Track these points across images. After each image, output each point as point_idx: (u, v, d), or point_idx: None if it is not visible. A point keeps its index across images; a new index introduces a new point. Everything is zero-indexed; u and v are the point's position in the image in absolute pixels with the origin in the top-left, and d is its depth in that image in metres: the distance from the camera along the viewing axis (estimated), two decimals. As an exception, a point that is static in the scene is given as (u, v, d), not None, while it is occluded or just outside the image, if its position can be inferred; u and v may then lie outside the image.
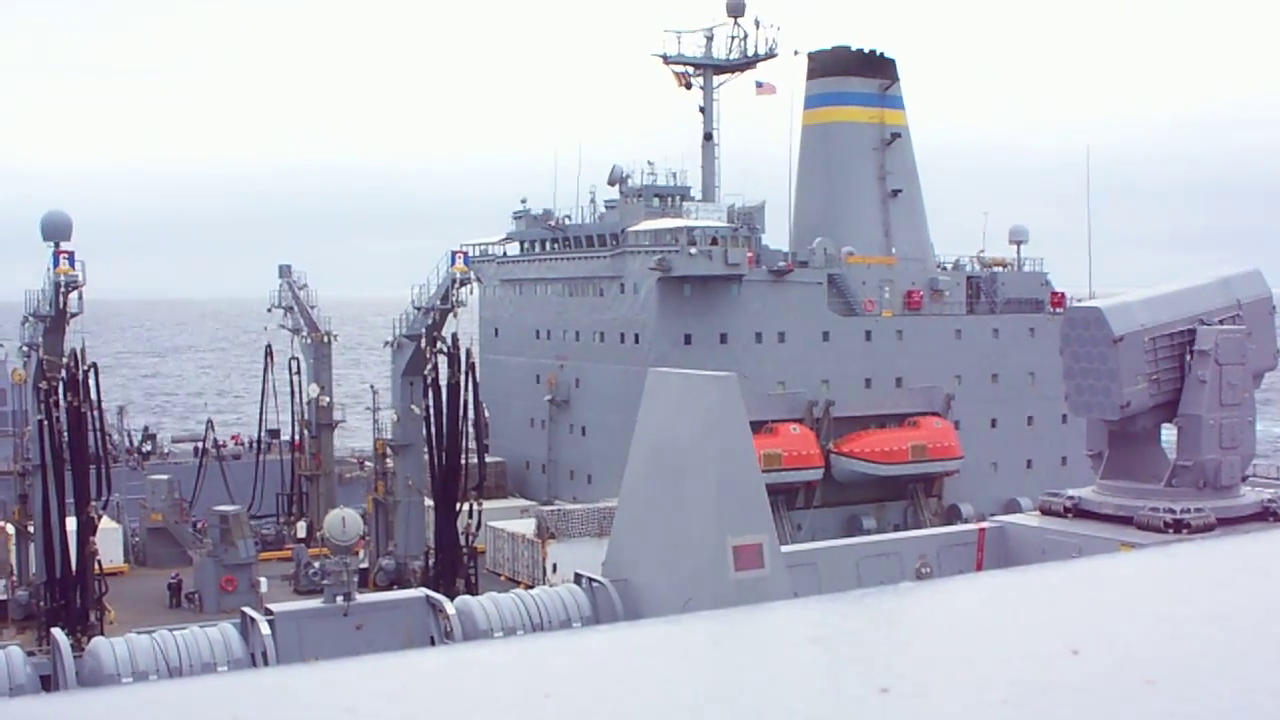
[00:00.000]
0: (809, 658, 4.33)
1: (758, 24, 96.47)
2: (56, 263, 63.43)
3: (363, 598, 39.89)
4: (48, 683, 36.98)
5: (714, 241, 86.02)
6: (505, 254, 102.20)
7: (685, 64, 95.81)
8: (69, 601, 60.89)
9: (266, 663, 34.47)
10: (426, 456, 72.01)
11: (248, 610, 36.99)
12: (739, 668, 4.12)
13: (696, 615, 4.62)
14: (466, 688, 3.87)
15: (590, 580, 38.97)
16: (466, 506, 71.09)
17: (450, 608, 37.12)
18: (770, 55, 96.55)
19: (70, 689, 33.89)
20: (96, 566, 63.26)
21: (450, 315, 72.40)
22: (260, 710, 3.69)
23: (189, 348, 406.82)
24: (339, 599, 37.71)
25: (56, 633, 37.59)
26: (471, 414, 72.12)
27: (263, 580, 69.87)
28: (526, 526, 77.28)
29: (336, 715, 3.63)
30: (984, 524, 49.94)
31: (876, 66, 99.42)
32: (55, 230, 65.40)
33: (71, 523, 61.83)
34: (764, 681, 3.99)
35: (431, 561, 71.59)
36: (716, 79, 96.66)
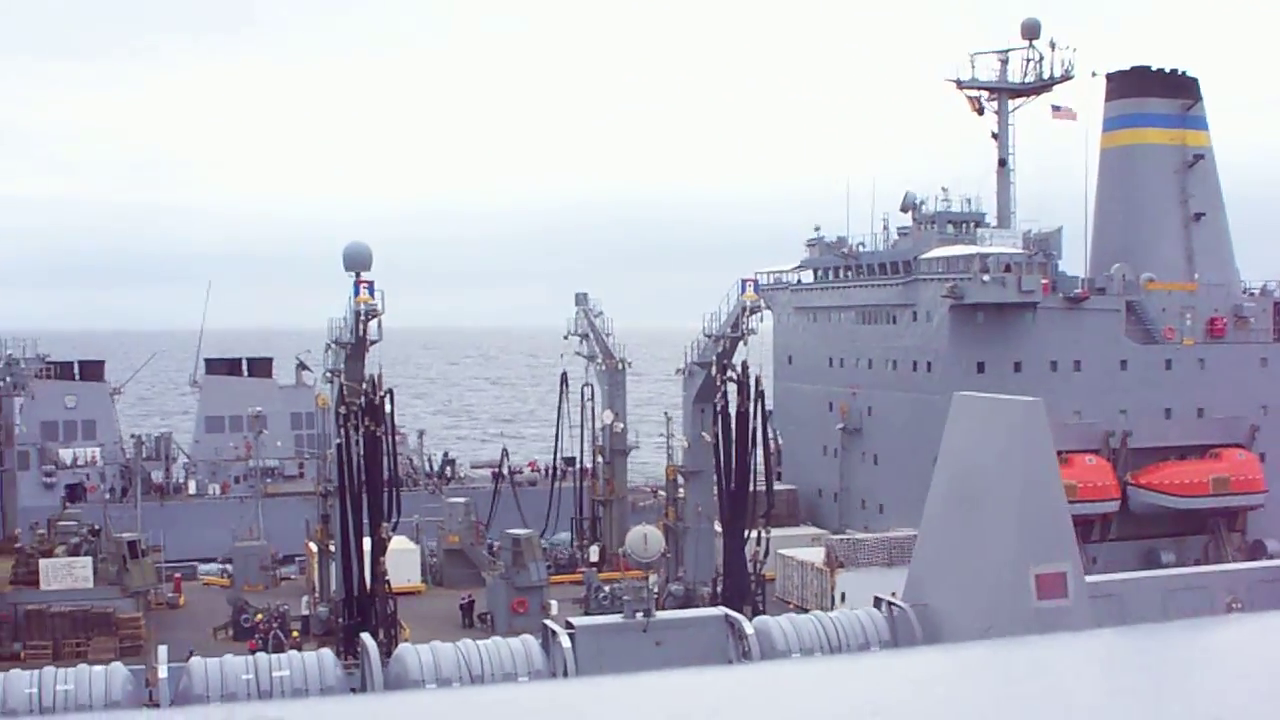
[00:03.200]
0: (1132, 685, 4.19)
1: (1053, 46, 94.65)
2: (357, 292, 65.22)
3: (662, 615, 40.14)
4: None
5: (1008, 268, 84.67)
6: (799, 281, 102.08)
7: (979, 88, 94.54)
8: (365, 618, 62.52)
9: (566, 675, 34.98)
10: (716, 483, 72.36)
11: (549, 623, 37.54)
12: (1065, 692, 4.01)
13: (1012, 640, 4.50)
14: (771, 706, 3.82)
15: (889, 604, 38.62)
16: (755, 533, 71.19)
17: (749, 627, 37.15)
18: (1067, 77, 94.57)
19: (378, 691, 34.96)
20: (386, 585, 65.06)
21: (740, 343, 72.52)
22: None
23: (496, 379, 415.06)
24: (638, 615, 38.00)
25: (365, 637, 38.68)
26: (761, 441, 72.15)
27: (553, 603, 70.74)
28: (816, 554, 76.88)
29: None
30: (1298, 559, 47.94)
31: (1178, 86, 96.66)
32: (356, 261, 67.14)
33: (368, 543, 63.75)
34: (1093, 708, 3.87)
35: (720, 587, 71.76)
36: (1011, 103, 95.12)
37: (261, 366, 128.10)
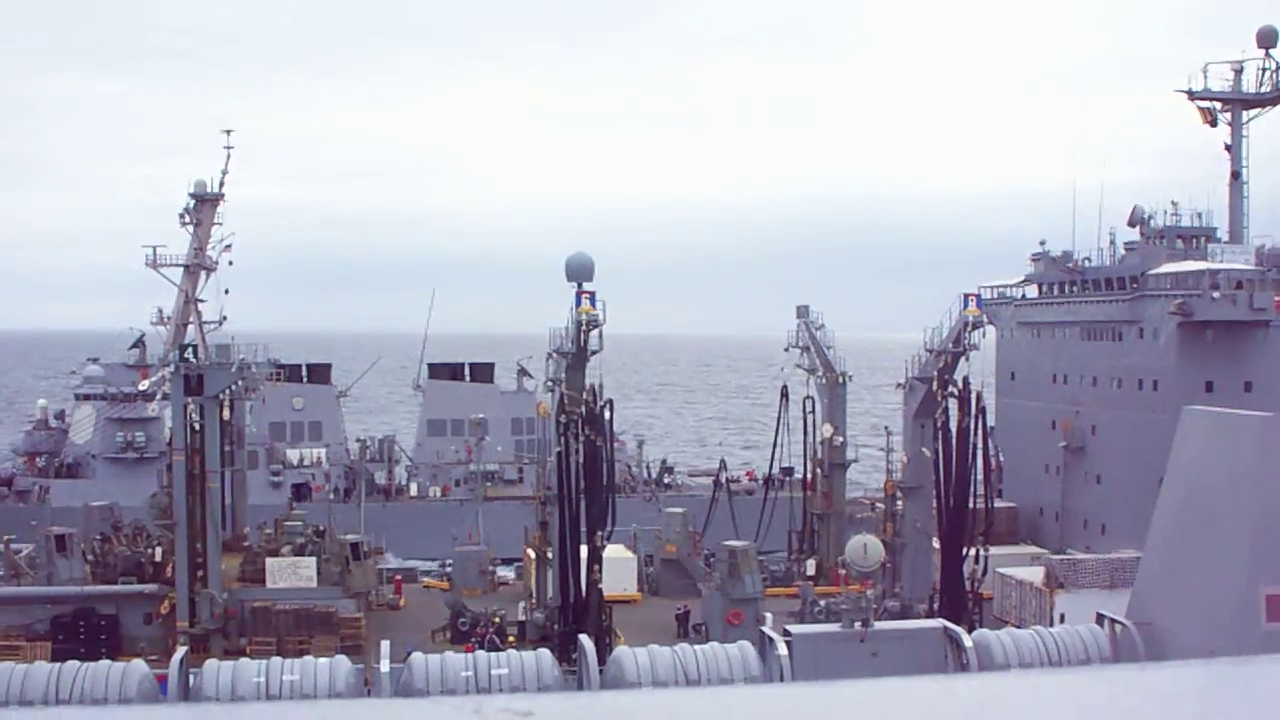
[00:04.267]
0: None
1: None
2: (579, 303, 66.09)
3: (881, 625, 39.95)
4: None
5: (1239, 285, 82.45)
6: (1023, 296, 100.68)
7: (1212, 99, 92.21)
8: (581, 625, 63.04)
9: (782, 682, 34.92)
10: (935, 499, 71.71)
11: (766, 630, 37.62)
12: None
13: (1241, 660, 4.43)
14: (994, 717, 3.81)
15: (1112, 621, 37.92)
16: (974, 551, 70.36)
17: (968, 640, 36.80)
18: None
19: (595, 690, 35.33)
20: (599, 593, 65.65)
21: (961, 358, 71.83)
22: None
23: (744, 387, 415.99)
24: (856, 625, 37.87)
25: (583, 638, 39.16)
26: (981, 458, 71.35)
27: (768, 616, 70.50)
28: (1035, 574, 75.60)
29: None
30: None
31: None
32: (579, 272, 68.18)
33: (584, 550, 64.53)
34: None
35: (936, 605, 71.02)
36: (1245, 114, 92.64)
37: (483, 372, 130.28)
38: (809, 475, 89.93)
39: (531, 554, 76.73)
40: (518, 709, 3.65)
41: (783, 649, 35.77)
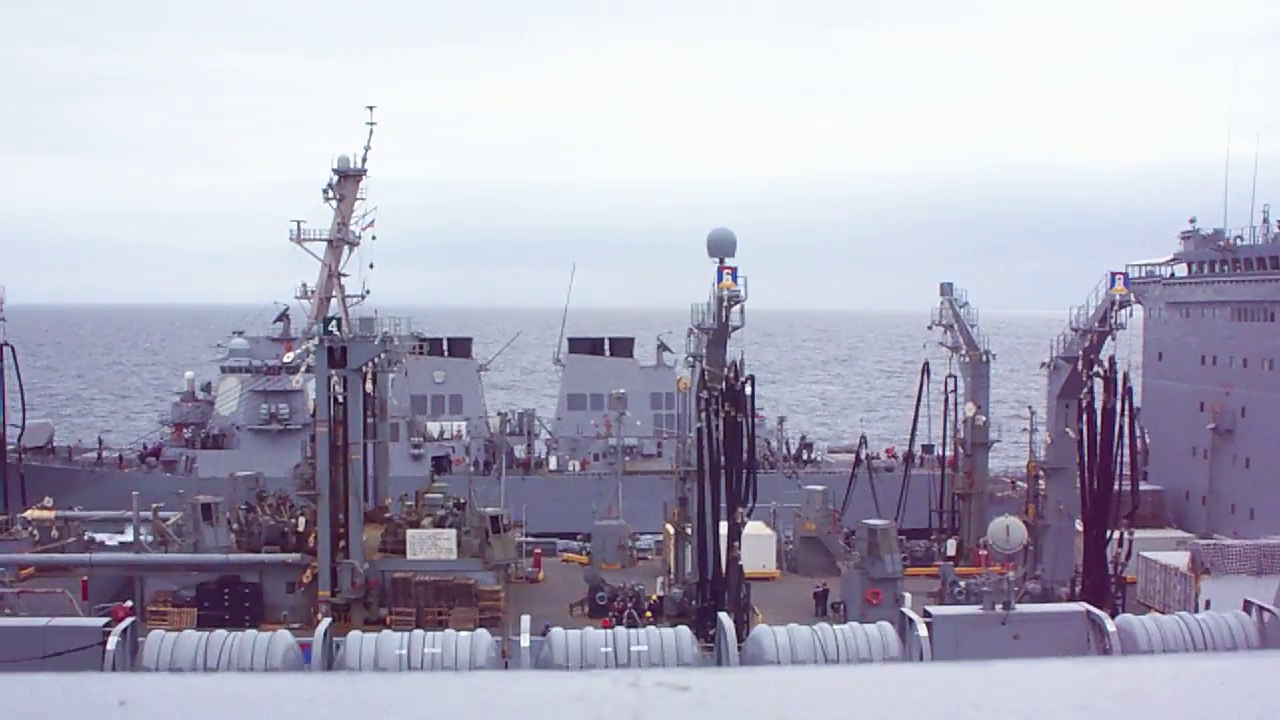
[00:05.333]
0: None
1: None
2: (720, 278, 66.05)
3: (1022, 608, 39.48)
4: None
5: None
6: (1172, 275, 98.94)
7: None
8: (719, 602, 63.02)
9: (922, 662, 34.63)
10: (1078, 481, 70.74)
11: (906, 610, 37.37)
12: None
13: None
14: (1138, 699, 3.69)
15: (1260, 608, 37.15)
16: (1117, 534, 69.33)
17: (1110, 624, 36.25)
18: None
19: (733, 666, 35.30)
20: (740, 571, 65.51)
21: (1108, 338, 70.77)
22: (917, 702, 3.63)
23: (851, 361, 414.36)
24: (998, 607, 37.46)
25: (723, 616, 39.17)
26: (1127, 440, 70.23)
27: (907, 595, 69.94)
28: (1180, 559, 74.26)
29: (996, 714, 3.53)
30: None
31: None
32: (720, 247, 68.25)
33: (724, 526, 64.42)
34: None
35: (1078, 588, 70.06)
36: None
37: (623, 346, 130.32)
38: (951, 454, 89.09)
39: (670, 529, 76.80)
40: (674, 683, 3.60)
41: (923, 630, 35.52)
